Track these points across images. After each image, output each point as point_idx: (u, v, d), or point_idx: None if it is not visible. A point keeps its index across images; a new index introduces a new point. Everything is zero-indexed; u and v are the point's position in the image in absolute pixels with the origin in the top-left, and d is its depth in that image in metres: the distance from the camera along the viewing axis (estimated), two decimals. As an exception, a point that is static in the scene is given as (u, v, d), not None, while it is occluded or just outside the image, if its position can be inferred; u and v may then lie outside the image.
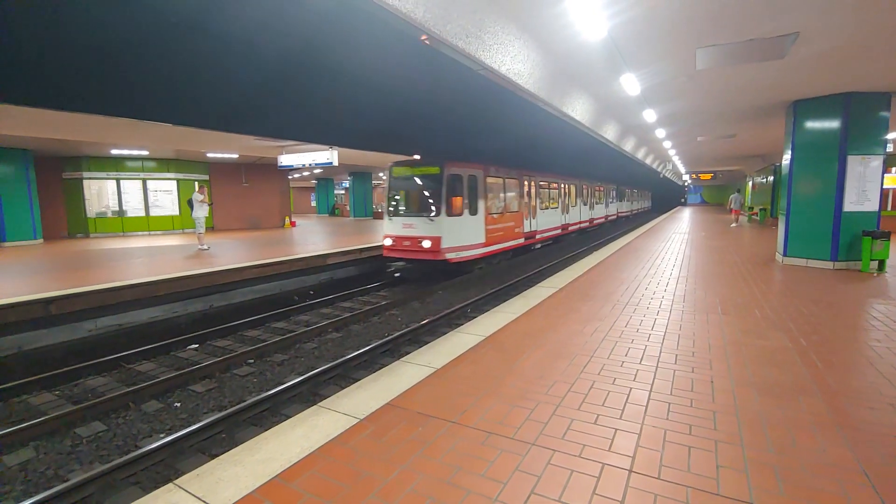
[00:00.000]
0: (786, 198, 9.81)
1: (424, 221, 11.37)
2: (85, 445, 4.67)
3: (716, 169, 33.70)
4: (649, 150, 20.44)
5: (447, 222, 11.27)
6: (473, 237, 12.13)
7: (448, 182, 11.43)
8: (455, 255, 11.47)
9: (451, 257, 11.35)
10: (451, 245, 11.32)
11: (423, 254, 11.30)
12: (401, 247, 11.65)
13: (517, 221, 14.96)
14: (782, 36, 5.79)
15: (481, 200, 12.46)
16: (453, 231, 11.39)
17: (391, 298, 10.55)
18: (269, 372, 6.47)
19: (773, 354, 4.33)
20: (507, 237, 14.15)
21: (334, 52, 6.03)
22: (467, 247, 11.88)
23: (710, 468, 2.55)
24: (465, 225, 11.79)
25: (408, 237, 11.51)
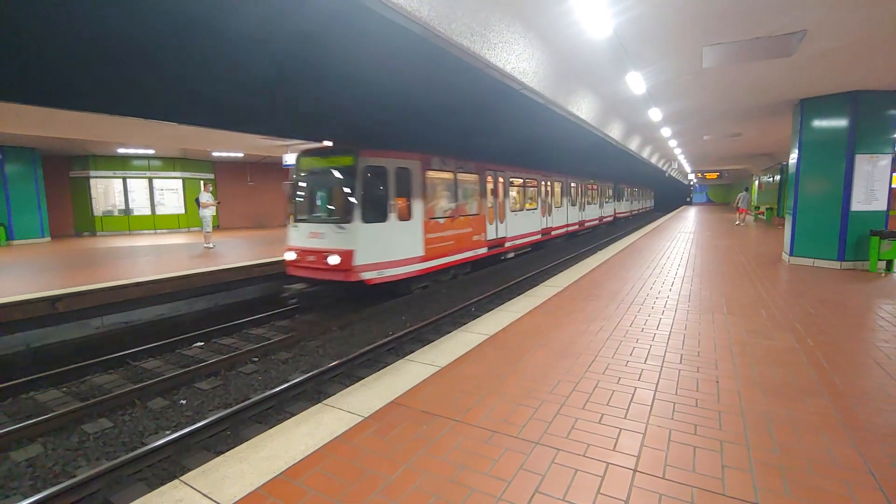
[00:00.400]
0: (792, 197, 9.74)
1: (333, 230, 8.58)
2: (92, 442, 4.71)
3: (722, 168, 33.53)
4: (655, 148, 20.35)
5: (363, 231, 8.47)
6: (406, 249, 9.38)
7: (364, 176, 8.61)
8: (376, 273, 8.66)
9: (369, 277, 8.53)
10: (368, 261, 8.51)
11: (331, 273, 8.45)
12: (305, 263, 8.80)
13: (477, 227, 12.18)
14: (789, 34, 5.75)
15: (418, 201, 9.72)
16: (372, 242, 8.61)
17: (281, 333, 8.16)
18: (273, 370, 6.49)
19: (780, 355, 4.30)
20: (460, 247, 11.34)
21: (340, 51, 6.04)
22: (395, 262, 9.08)
23: (715, 468, 2.54)
24: (392, 234, 9.00)
25: (313, 250, 8.68)
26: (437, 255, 10.44)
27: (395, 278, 9.15)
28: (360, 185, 8.57)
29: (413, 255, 9.62)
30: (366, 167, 8.69)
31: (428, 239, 10.04)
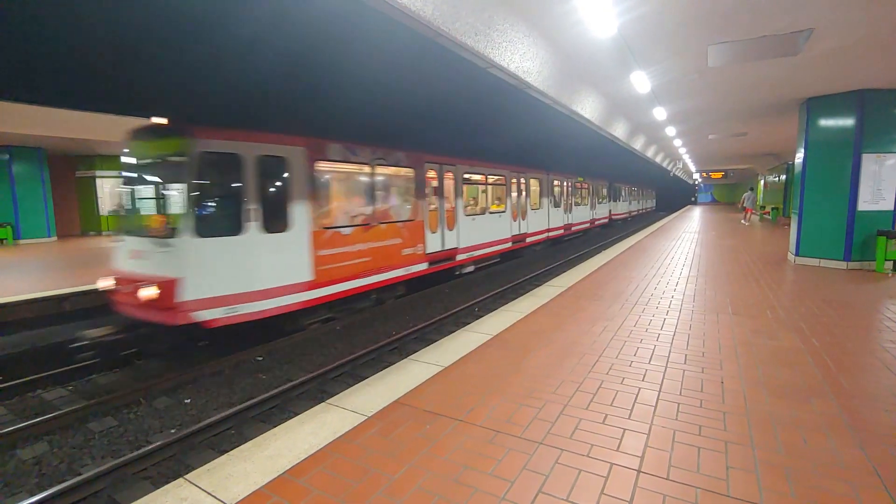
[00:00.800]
0: (798, 196, 9.68)
1: (155, 247, 6.02)
2: (97, 440, 4.74)
3: (727, 167, 33.35)
4: (659, 148, 20.28)
5: (197, 249, 5.91)
6: (280, 273, 6.76)
7: (202, 168, 6.02)
8: (219, 311, 6.05)
9: (208, 317, 5.94)
10: (206, 294, 5.94)
11: (148, 310, 5.93)
12: (125, 295, 6.16)
13: (411, 237, 9.55)
14: (796, 32, 5.71)
15: (302, 203, 7.05)
16: (213, 265, 6.05)
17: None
18: (276, 369, 6.51)
19: (785, 355, 4.28)
20: (381, 265, 8.72)
21: (343, 51, 6.06)
22: (259, 293, 6.48)
23: (719, 469, 2.53)
24: (252, 252, 6.40)
25: (130, 278, 6.06)
26: (340, 278, 7.77)
27: (259, 315, 6.48)
28: (192, 179, 5.94)
29: (294, 280, 6.91)
30: (204, 154, 6.02)
31: (321, 257, 7.33)
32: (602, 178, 25.63)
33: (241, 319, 6.33)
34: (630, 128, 13.66)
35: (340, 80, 7.71)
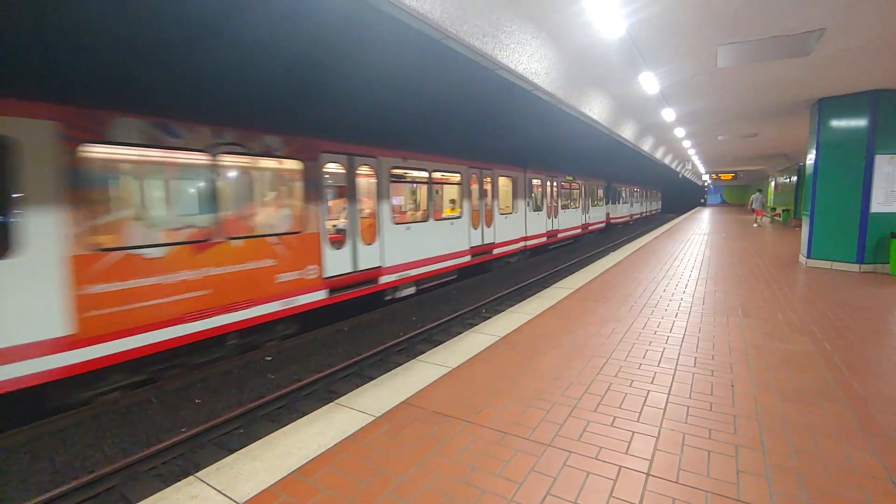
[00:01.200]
0: (810, 198, 9.57)
1: None
2: (109, 438, 4.79)
3: (737, 169, 33.01)
4: (668, 149, 20.14)
5: None
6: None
7: None
8: None
9: None
10: None
11: None
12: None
13: (293, 256, 7.00)
14: (807, 32, 5.66)
15: (45, 211, 4.65)
16: None
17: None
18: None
19: (797, 358, 4.23)
20: (232, 299, 6.17)
21: (351, 53, 6.09)
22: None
23: (730, 473, 2.51)
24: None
25: None
26: (140, 326, 5.28)
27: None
28: None
29: (23, 338, 4.44)
30: None
31: (90, 297, 4.87)
32: (598, 178, 23.46)
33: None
34: (638, 129, 13.59)
35: (345, 78, 7.74)
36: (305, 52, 5.94)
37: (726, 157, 23.83)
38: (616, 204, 27.15)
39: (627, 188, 31.23)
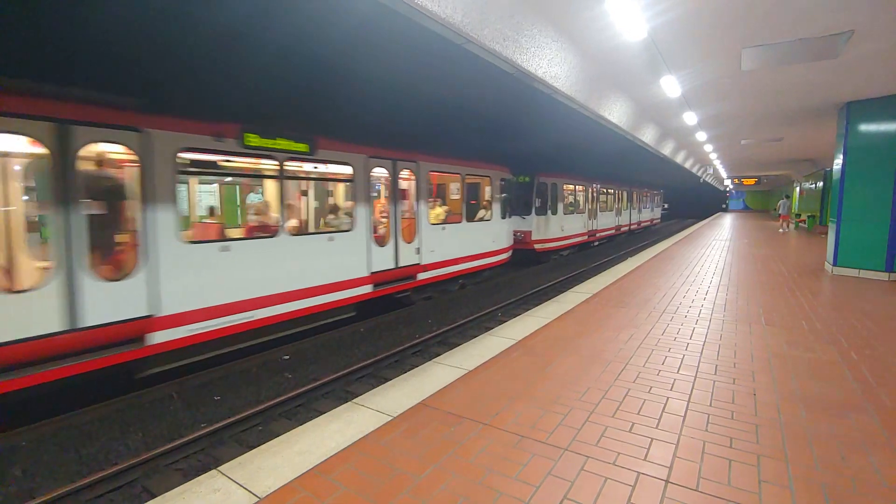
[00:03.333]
0: (837, 204, 9.33)
1: None
2: (132, 433, 4.92)
3: (760, 174, 32.34)
4: (689, 153, 19.85)
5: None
6: None
7: None
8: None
9: None
10: None
11: None
12: None
13: None
14: (836, 34, 5.54)
15: None
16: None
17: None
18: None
19: (822, 368, 4.13)
20: None
21: (371, 57, 6.17)
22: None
23: (751, 483, 2.46)
24: None
25: None
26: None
27: None
28: None
29: None
30: None
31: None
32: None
33: None
34: (659, 133, 13.43)
35: (365, 83, 7.81)
36: (327, 57, 6.04)
37: (749, 162, 23.38)
38: (556, 214, 16.00)
39: (616, 190, 23.30)
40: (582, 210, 18.86)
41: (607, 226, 22.58)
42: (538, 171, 15.38)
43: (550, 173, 15.73)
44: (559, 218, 16.29)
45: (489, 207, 11.85)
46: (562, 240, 16.74)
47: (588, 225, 19.61)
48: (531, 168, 15.36)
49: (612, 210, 23.22)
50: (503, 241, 12.34)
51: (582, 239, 18.94)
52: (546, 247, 15.70)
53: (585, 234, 19.29)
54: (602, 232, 21.71)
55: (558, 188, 16.16)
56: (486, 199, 12.06)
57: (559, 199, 16.26)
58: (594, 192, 20.38)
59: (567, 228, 17.11)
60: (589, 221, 19.70)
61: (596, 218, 20.61)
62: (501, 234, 12.18)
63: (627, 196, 26.51)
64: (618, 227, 24.48)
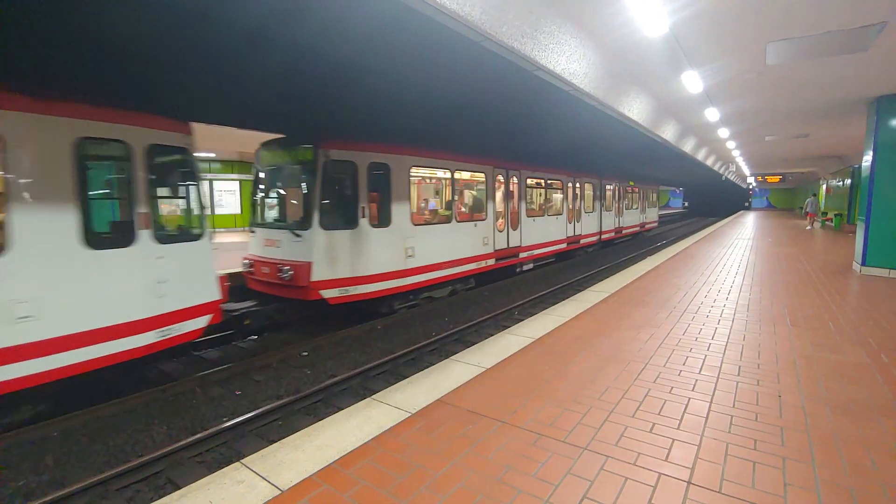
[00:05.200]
0: (866, 202, 9.04)
1: None
2: (157, 425, 5.05)
3: (785, 171, 31.53)
4: (710, 150, 19.45)
5: None
6: None
7: None
8: None
9: None
10: None
11: None
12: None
13: None
14: (866, 26, 5.37)
15: None
16: None
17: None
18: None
19: (850, 370, 4.02)
20: None
21: (389, 55, 6.18)
22: None
23: (776, 485, 2.41)
24: None
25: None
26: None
27: None
28: None
29: None
30: None
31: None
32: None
33: None
34: (679, 130, 13.20)
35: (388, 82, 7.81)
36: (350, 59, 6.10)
37: (774, 159, 22.83)
38: (383, 227, 8.67)
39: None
40: (467, 214, 10.89)
41: (545, 239, 14.27)
42: (333, 137, 7.85)
43: (371, 144, 8.26)
44: (393, 235, 8.54)
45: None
46: (399, 276, 8.60)
47: (481, 242, 11.04)
48: (317, 134, 7.97)
49: (554, 214, 14.89)
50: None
51: (464, 270, 10.42)
52: (350, 294, 7.91)
53: (473, 261, 10.76)
54: (530, 251, 13.35)
55: (392, 172, 8.55)
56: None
57: (400, 196, 8.72)
58: (514, 185, 12.60)
59: (423, 252, 9.18)
60: (487, 236, 11.26)
61: (517, 228, 12.68)
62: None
63: (597, 192, 18.61)
64: (575, 237, 16.46)
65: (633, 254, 18.70)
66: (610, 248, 20.76)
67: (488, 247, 11.30)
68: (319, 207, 7.64)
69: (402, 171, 8.83)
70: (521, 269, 13.63)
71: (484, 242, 11.12)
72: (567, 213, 15.84)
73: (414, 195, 9.37)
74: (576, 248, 16.93)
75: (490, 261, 11.45)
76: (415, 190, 9.53)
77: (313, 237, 7.60)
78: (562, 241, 15.54)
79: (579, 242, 17.08)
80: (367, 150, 8.22)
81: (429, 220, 9.91)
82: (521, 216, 12.92)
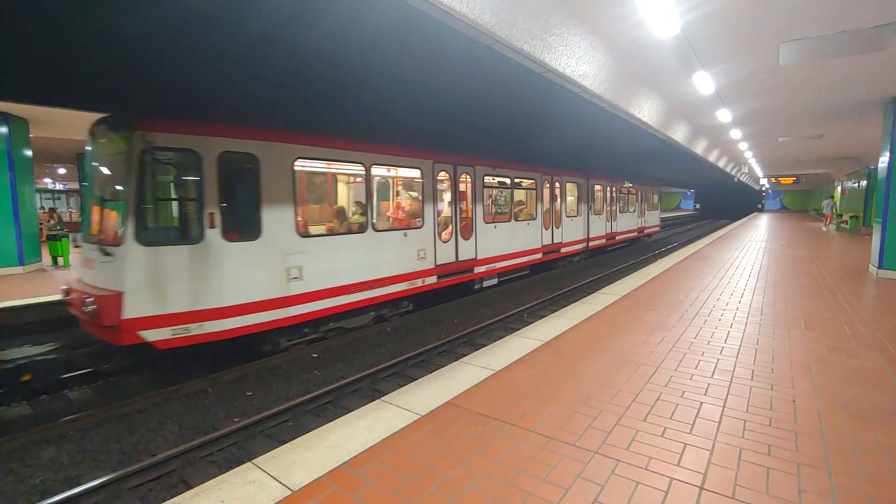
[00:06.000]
0: (882, 204, 8.88)
1: None
2: (169, 425, 5.10)
3: (799, 172, 31.09)
4: (722, 151, 19.25)
5: None
6: None
7: None
8: None
9: None
10: None
11: None
12: None
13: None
14: (882, 26, 5.28)
15: None
16: None
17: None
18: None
19: (867, 375, 3.94)
20: None
21: (399, 59, 6.21)
22: None
23: (791, 492, 2.38)
24: None
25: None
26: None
27: None
28: None
29: None
30: None
31: None
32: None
33: None
34: (691, 131, 13.08)
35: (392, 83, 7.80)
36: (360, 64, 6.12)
37: (787, 160, 22.53)
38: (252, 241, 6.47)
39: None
40: (395, 221, 8.88)
41: (511, 249, 11.83)
42: (160, 116, 5.79)
43: (225, 126, 6.11)
44: (265, 251, 6.40)
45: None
46: (276, 306, 6.49)
47: (415, 256, 8.78)
48: None
49: (525, 219, 12.51)
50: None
51: (388, 292, 8.21)
52: (192, 334, 5.78)
53: (404, 280, 8.51)
54: (491, 264, 10.95)
55: (263, 166, 6.37)
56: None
57: (277, 199, 6.54)
58: (466, 184, 10.26)
59: (318, 272, 7.01)
60: (425, 248, 8.98)
61: (471, 237, 10.28)
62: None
63: (583, 193, 16.12)
64: (554, 245, 14.10)
65: (633, 261, 18.55)
66: (601, 256, 18.47)
67: (426, 261, 8.95)
68: (136, 214, 5.41)
69: (279, 165, 6.53)
70: (482, 286, 11.15)
71: (420, 256, 8.78)
72: (542, 217, 13.28)
73: (305, 198, 7.43)
74: (555, 257, 14.41)
75: (430, 278, 9.07)
76: (305, 190, 7.47)
77: (125, 256, 5.36)
78: (535, 250, 12.98)
79: (559, 251, 14.45)
80: (217, 133, 5.95)
81: (334, 229, 7.55)
82: (476, 222, 10.46)
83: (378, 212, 8.59)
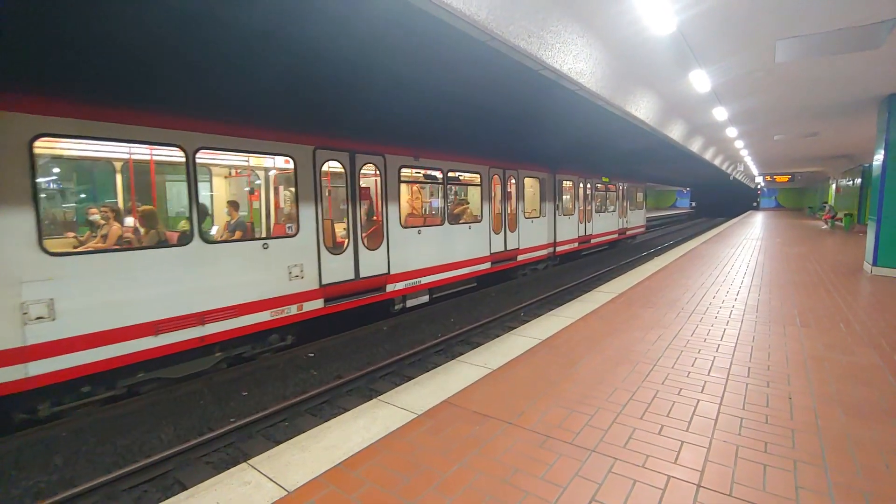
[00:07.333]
0: (877, 202, 8.92)
1: None
2: (164, 426, 5.07)
3: (794, 171, 31.22)
4: (718, 150, 19.30)
5: None
6: None
7: None
8: None
9: None
10: None
11: None
12: None
13: None
14: (878, 23, 5.30)
15: None
16: None
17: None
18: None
19: (862, 372, 3.96)
20: None
21: (394, 56, 6.19)
22: None
23: (788, 489, 2.38)
24: None
25: None
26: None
27: None
28: None
29: None
30: None
31: None
32: None
33: None
34: (687, 129, 13.10)
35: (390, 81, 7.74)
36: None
37: (782, 158, 22.62)
38: None
39: None
40: (240, 230, 6.50)
41: (443, 259, 9.55)
42: None
43: None
44: None
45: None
46: None
47: (285, 275, 6.55)
48: None
49: (467, 221, 10.26)
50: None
51: (234, 326, 5.95)
52: None
53: (265, 308, 6.29)
54: (411, 280, 8.65)
55: None
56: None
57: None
58: (375, 178, 8.25)
59: (89, 307, 4.72)
60: (300, 263, 6.76)
61: (380, 247, 8.04)
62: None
63: (547, 190, 13.61)
64: (507, 252, 11.77)
65: (641, 254, 18.59)
66: (573, 262, 16.13)
67: (304, 281, 6.72)
68: None
69: None
70: (404, 306, 8.81)
71: (292, 275, 6.54)
72: (491, 219, 10.87)
73: (52, 196, 5.54)
74: (511, 266, 11.96)
75: (313, 303, 6.87)
76: (49, 183, 5.48)
77: None
78: (482, 259, 10.58)
79: (516, 259, 12.09)
80: None
81: (131, 241, 5.41)
82: (387, 227, 8.10)
83: (211, 216, 6.81)
